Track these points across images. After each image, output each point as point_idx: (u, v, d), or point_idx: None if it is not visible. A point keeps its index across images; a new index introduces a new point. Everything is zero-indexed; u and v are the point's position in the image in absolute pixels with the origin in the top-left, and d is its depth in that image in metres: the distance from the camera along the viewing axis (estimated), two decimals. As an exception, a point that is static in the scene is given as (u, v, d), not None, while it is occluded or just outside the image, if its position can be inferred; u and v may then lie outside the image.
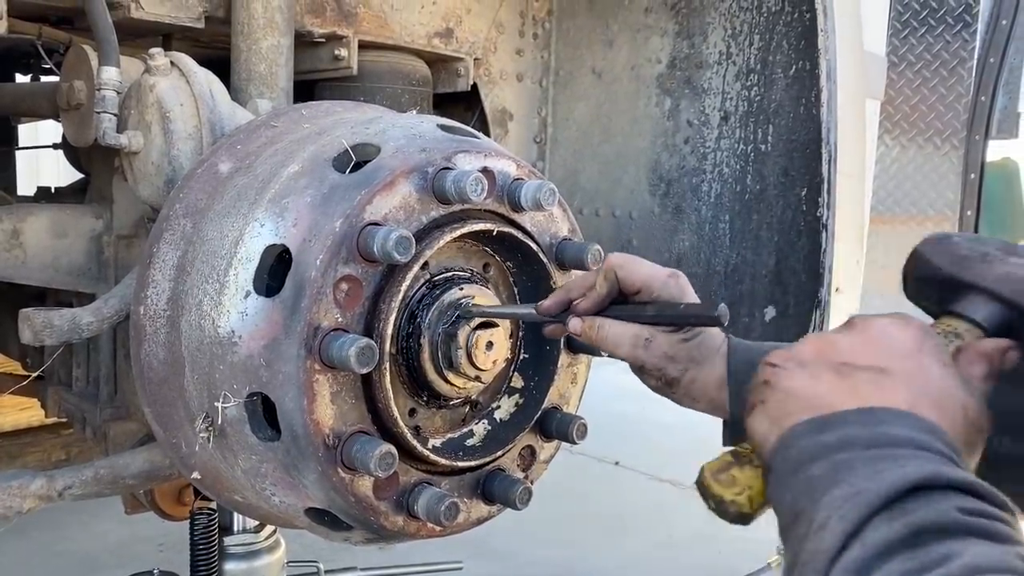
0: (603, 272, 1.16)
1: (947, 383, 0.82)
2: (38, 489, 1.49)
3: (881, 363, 0.82)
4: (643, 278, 1.15)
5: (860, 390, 0.80)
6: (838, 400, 0.79)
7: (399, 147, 1.25)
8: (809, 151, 1.94)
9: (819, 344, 0.86)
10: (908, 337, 0.84)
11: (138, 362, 1.40)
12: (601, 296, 1.16)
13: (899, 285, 1.03)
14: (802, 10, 1.95)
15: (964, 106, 3.34)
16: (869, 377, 0.81)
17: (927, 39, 3.42)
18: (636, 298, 1.16)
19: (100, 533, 4.05)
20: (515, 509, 1.36)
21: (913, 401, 0.78)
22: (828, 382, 0.82)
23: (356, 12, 1.98)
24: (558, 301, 1.20)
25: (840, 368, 0.82)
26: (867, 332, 0.86)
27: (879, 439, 0.74)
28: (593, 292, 1.16)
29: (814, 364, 0.84)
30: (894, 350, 0.83)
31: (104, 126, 1.49)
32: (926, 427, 0.76)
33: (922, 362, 0.82)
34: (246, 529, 2.12)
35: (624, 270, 1.15)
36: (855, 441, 0.74)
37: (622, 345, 1.14)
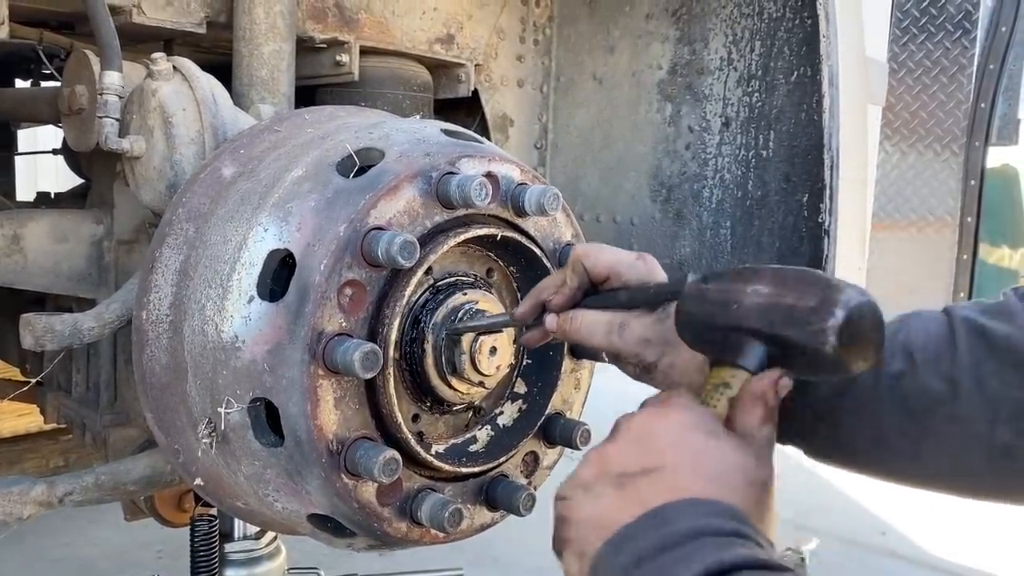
0: (570, 264, 1.15)
1: (718, 454, 0.83)
2: (39, 495, 1.48)
3: (651, 462, 0.83)
4: (609, 263, 1.14)
5: (641, 496, 0.81)
6: (624, 513, 0.80)
7: (403, 151, 1.25)
8: (811, 157, 1.94)
9: (595, 462, 0.87)
10: (670, 424, 0.86)
11: (140, 367, 1.39)
12: (572, 289, 1.15)
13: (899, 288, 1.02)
14: (803, 16, 1.95)
15: (964, 112, 3.34)
16: (645, 480, 0.82)
17: (927, 46, 3.42)
18: (606, 285, 1.14)
19: (99, 539, 4.03)
20: (519, 515, 1.36)
21: (690, 487, 0.80)
22: (611, 497, 0.83)
23: (358, 18, 1.98)
24: (531, 305, 1.19)
25: (618, 480, 0.84)
26: (631, 433, 0.87)
27: (666, 541, 0.75)
28: (564, 287, 1.15)
29: (595, 485, 0.85)
30: (660, 442, 0.84)
31: (106, 131, 1.49)
32: (707, 509, 0.77)
33: (688, 443, 0.84)
34: (247, 536, 2.11)
35: (589, 259, 1.14)
36: (645, 552, 0.76)
37: (596, 333, 1.13)
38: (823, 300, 0.87)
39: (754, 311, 0.91)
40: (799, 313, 0.87)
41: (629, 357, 1.14)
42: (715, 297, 0.95)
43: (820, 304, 0.86)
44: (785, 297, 0.89)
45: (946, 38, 3.39)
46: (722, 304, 0.94)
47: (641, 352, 1.13)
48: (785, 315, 0.88)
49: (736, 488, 0.81)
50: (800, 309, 0.87)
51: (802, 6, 1.94)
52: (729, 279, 0.96)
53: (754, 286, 0.92)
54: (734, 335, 0.92)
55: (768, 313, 0.90)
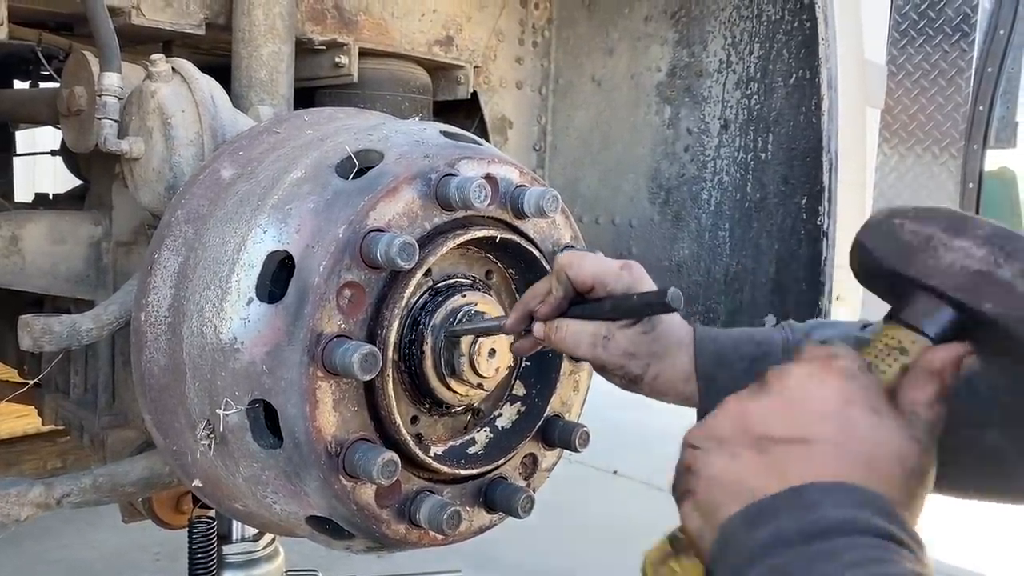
0: (554, 274, 1.14)
1: (877, 436, 0.74)
2: (36, 497, 1.48)
3: (801, 431, 0.74)
4: (593, 273, 1.12)
5: (784, 467, 0.73)
6: (763, 482, 0.72)
7: (402, 153, 1.25)
8: (809, 159, 1.95)
9: (734, 415, 0.78)
10: (828, 392, 0.76)
11: (139, 369, 1.39)
12: (558, 299, 1.14)
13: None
14: (802, 19, 1.95)
15: (962, 115, 3.35)
16: (792, 450, 0.74)
17: (925, 49, 3.43)
18: (592, 295, 1.13)
19: (96, 542, 4.02)
20: (517, 517, 1.36)
21: (841, 469, 0.71)
22: (750, 461, 0.75)
23: (357, 20, 1.98)
24: (519, 316, 1.18)
25: (759, 443, 0.75)
26: (783, 393, 0.78)
27: (812, 529, 0.67)
28: (550, 296, 1.15)
29: (732, 441, 0.77)
30: (814, 412, 0.75)
31: (105, 132, 1.49)
32: (857, 499, 0.69)
33: (847, 418, 0.74)
34: (245, 538, 2.11)
35: (573, 269, 1.12)
36: (787, 537, 0.68)
37: (581, 344, 1.12)
38: None
39: (959, 274, 0.78)
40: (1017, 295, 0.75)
41: (615, 369, 1.13)
42: (910, 239, 0.82)
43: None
44: (1003, 269, 0.76)
45: (944, 41, 3.39)
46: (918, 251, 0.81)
47: (626, 364, 1.12)
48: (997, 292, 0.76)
49: (893, 478, 0.72)
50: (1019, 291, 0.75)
51: (801, 9, 1.95)
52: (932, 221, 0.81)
53: (964, 241, 0.79)
54: (923, 293, 0.80)
55: (976, 282, 0.77)
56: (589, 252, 1.18)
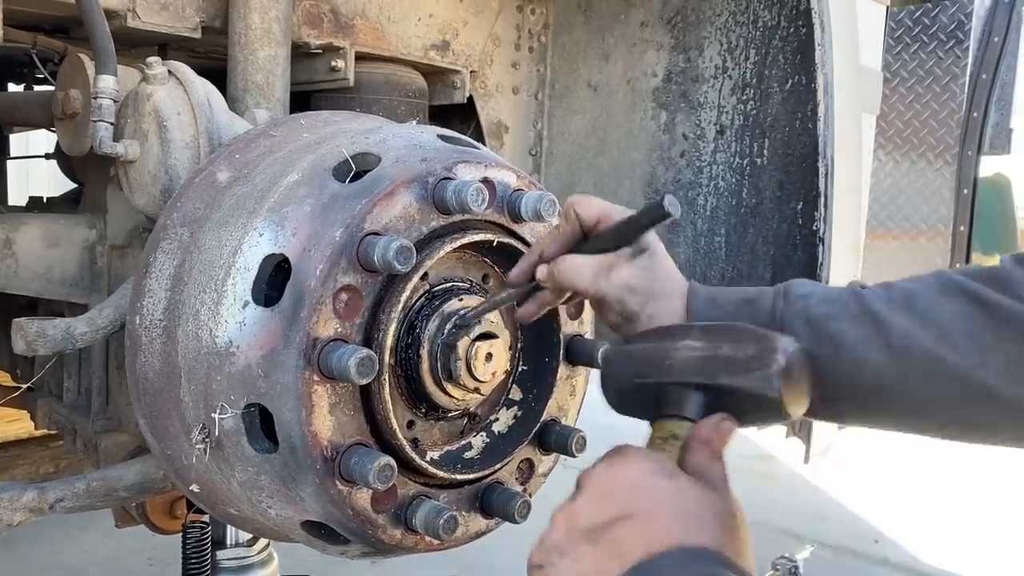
0: (563, 213, 1.16)
1: (682, 493, 0.84)
2: (29, 501, 1.47)
3: (619, 510, 0.83)
4: (600, 209, 1.15)
5: (620, 549, 0.81)
6: (607, 570, 0.80)
7: (400, 157, 1.25)
8: (805, 165, 1.95)
9: (564, 522, 0.87)
10: (629, 471, 0.87)
11: (133, 373, 1.38)
12: (565, 236, 1.15)
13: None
14: (798, 25, 1.96)
15: (957, 122, 3.36)
16: (619, 531, 0.82)
17: (920, 55, 3.44)
18: (596, 230, 1.15)
19: (88, 547, 4.01)
20: (514, 523, 1.35)
21: (666, 531, 0.80)
22: (590, 557, 0.83)
23: (353, 24, 1.98)
24: (527, 265, 1.19)
25: (591, 535, 0.83)
26: (594, 485, 0.88)
27: None
28: (555, 233, 1.16)
29: (570, 545, 0.85)
30: (623, 490, 0.85)
31: (100, 135, 1.48)
32: (689, 557, 0.78)
33: (652, 488, 0.84)
34: (239, 543, 2.10)
35: (582, 204, 1.15)
36: None
37: (584, 276, 1.13)
38: (762, 348, 0.93)
39: (690, 363, 0.95)
40: (740, 362, 0.93)
41: (613, 303, 1.14)
42: (643, 356, 1.00)
43: (760, 352, 0.92)
44: (721, 348, 0.94)
45: (939, 48, 3.40)
46: (652, 362, 0.98)
47: (625, 299, 1.13)
48: (725, 365, 0.93)
49: (707, 523, 0.82)
50: (740, 359, 0.93)
51: (797, 15, 1.95)
52: (655, 337, 1.01)
53: (684, 341, 0.97)
54: (672, 389, 0.96)
55: (706, 365, 0.94)
56: None
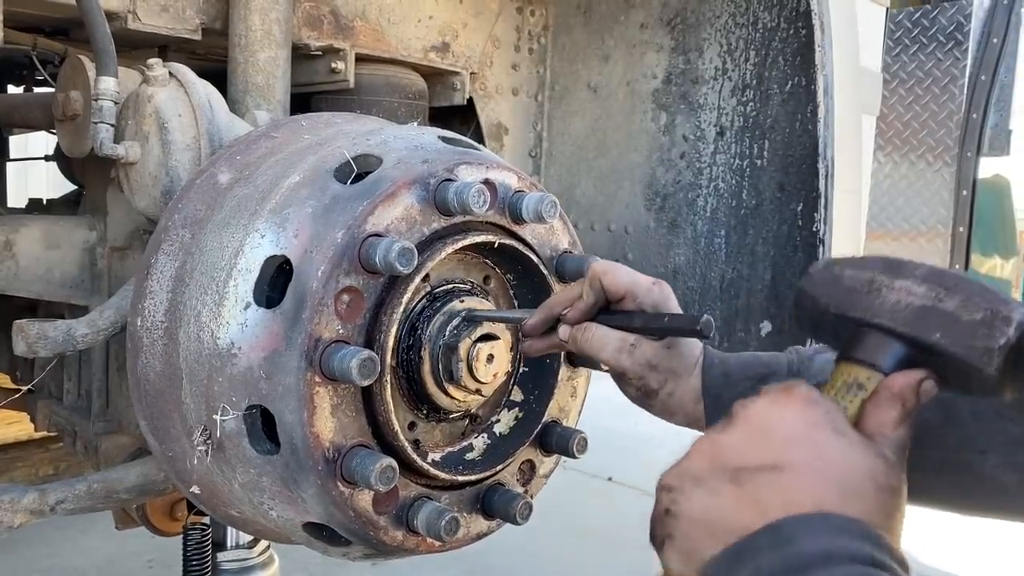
0: (588, 280, 1.16)
1: (846, 456, 0.76)
2: (30, 503, 1.47)
3: (772, 458, 0.76)
4: (627, 284, 1.15)
5: (761, 497, 0.74)
6: (742, 517, 0.74)
7: (401, 158, 1.25)
8: (805, 166, 1.95)
9: (707, 452, 0.80)
10: (792, 417, 0.78)
11: (134, 374, 1.38)
12: (589, 305, 1.16)
13: None
14: (798, 26, 1.96)
15: (956, 123, 3.37)
16: (765, 479, 0.75)
17: (919, 57, 3.45)
18: (621, 304, 1.16)
19: (88, 549, 4.00)
20: (515, 524, 1.35)
21: (816, 494, 0.73)
22: (728, 496, 0.76)
23: (353, 25, 1.98)
24: (544, 317, 1.21)
25: (735, 475, 0.77)
26: (749, 423, 0.80)
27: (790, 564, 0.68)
28: (580, 302, 1.17)
29: (709, 477, 0.78)
30: (781, 437, 0.77)
31: (101, 136, 1.48)
32: (835, 526, 0.70)
33: (814, 442, 0.77)
34: (240, 544, 2.10)
35: (608, 276, 1.15)
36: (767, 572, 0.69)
37: (607, 348, 1.14)
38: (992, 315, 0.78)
39: (904, 311, 0.82)
40: (962, 325, 0.79)
41: (633, 379, 1.15)
42: (852, 284, 0.86)
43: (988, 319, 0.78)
44: (945, 302, 0.80)
45: (938, 49, 3.41)
46: (862, 294, 0.85)
47: (646, 376, 1.14)
48: (944, 323, 0.80)
49: (866, 495, 0.74)
50: (964, 320, 0.79)
51: (797, 16, 1.95)
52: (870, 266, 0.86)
53: (905, 281, 0.83)
54: (872, 334, 0.84)
55: (923, 317, 0.81)
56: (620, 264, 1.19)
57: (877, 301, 0.84)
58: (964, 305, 0.79)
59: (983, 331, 0.78)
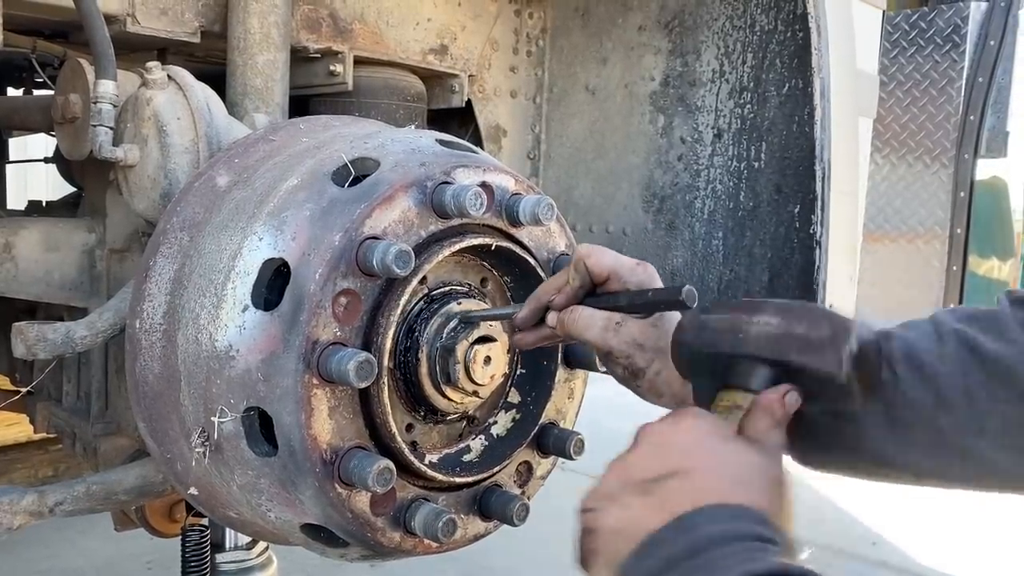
0: (573, 264, 1.18)
1: (736, 456, 0.87)
2: (29, 505, 1.47)
3: (674, 466, 0.86)
4: (611, 265, 1.17)
5: (667, 500, 0.83)
6: (652, 520, 0.82)
7: (398, 161, 1.25)
8: (802, 168, 1.96)
9: (617, 471, 0.90)
10: (685, 430, 0.90)
11: (133, 376, 1.38)
12: (575, 289, 1.18)
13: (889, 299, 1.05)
14: (795, 29, 1.96)
15: (953, 125, 3.37)
16: (669, 484, 0.84)
17: (916, 59, 3.45)
18: (606, 287, 1.18)
19: (87, 550, 4.00)
20: (512, 525, 1.36)
21: (714, 490, 0.83)
22: (638, 506, 0.85)
23: (352, 28, 1.99)
24: (532, 309, 1.23)
25: (642, 487, 0.86)
26: (650, 440, 0.90)
27: (695, 546, 0.77)
28: (567, 287, 1.19)
29: (620, 493, 0.87)
30: (679, 447, 0.88)
31: (100, 139, 1.49)
32: (734, 513, 0.80)
33: (707, 448, 0.87)
34: (238, 546, 2.10)
35: (592, 259, 1.17)
36: (673, 557, 0.78)
37: (593, 327, 1.16)
38: (836, 331, 0.94)
39: (763, 339, 0.96)
40: (813, 342, 0.94)
41: (620, 357, 1.17)
42: (718, 326, 1.00)
43: (833, 335, 0.94)
44: (796, 327, 0.95)
45: (935, 51, 3.42)
46: (726, 333, 0.99)
47: (633, 355, 1.16)
48: (798, 344, 0.95)
49: (757, 487, 0.84)
50: (813, 339, 0.94)
51: (794, 19, 1.96)
52: (731, 310, 1.01)
53: (760, 316, 0.97)
54: (741, 362, 0.98)
55: (780, 342, 0.95)
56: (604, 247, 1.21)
57: (741, 335, 0.98)
58: (812, 327, 0.95)
59: (830, 346, 0.93)
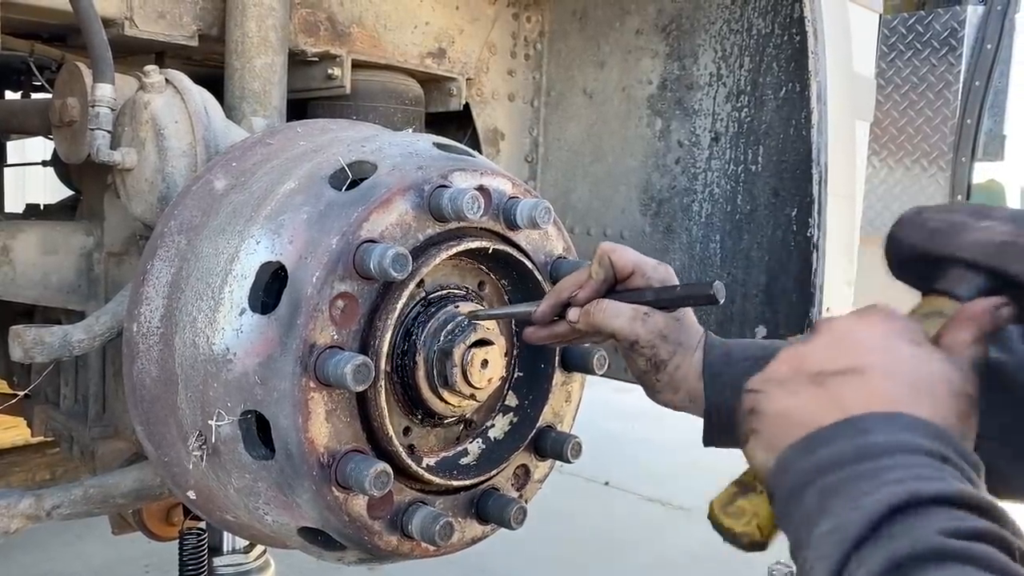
0: (597, 259, 1.18)
1: (921, 363, 0.80)
2: (26, 508, 1.47)
3: (852, 362, 0.81)
4: (635, 261, 1.18)
5: (840, 396, 0.79)
6: (821, 412, 0.79)
7: (396, 165, 1.26)
8: (799, 171, 1.96)
9: (791, 358, 0.86)
10: (872, 328, 0.84)
11: (130, 379, 1.38)
12: (599, 283, 1.18)
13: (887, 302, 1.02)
14: (792, 32, 1.97)
15: (951, 128, 3.38)
16: (845, 381, 0.80)
17: (914, 62, 3.46)
18: (629, 282, 1.18)
19: (85, 554, 4.00)
20: (510, 528, 1.36)
21: (892, 395, 0.78)
22: (808, 395, 0.81)
23: (350, 31, 1.99)
24: (552, 303, 1.22)
25: (816, 378, 0.82)
26: (832, 333, 0.85)
27: (863, 452, 0.73)
28: (590, 281, 1.18)
29: (791, 380, 0.84)
30: (861, 345, 0.82)
31: (98, 143, 1.49)
32: (908, 424, 0.75)
33: (891, 349, 0.81)
34: (236, 549, 2.10)
35: (617, 253, 1.17)
36: (841, 459, 0.74)
37: (621, 316, 1.16)
38: None
39: (986, 245, 0.87)
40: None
41: (646, 347, 1.16)
42: (937, 225, 0.91)
43: None
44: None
45: (932, 55, 3.42)
46: (945, 233, 0.90)
47: (658, 345, 1.16)
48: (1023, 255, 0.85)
49: (939, 398, 0.78)
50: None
51: (790, 23, 1.96)
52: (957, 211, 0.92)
53: (989, 222, 0.88)
54: (953, 266, 0.89)
55: (1003, 251, 0.86)
56: None
57: (961, 239, 0.88)
58: None
59: None
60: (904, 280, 0.98)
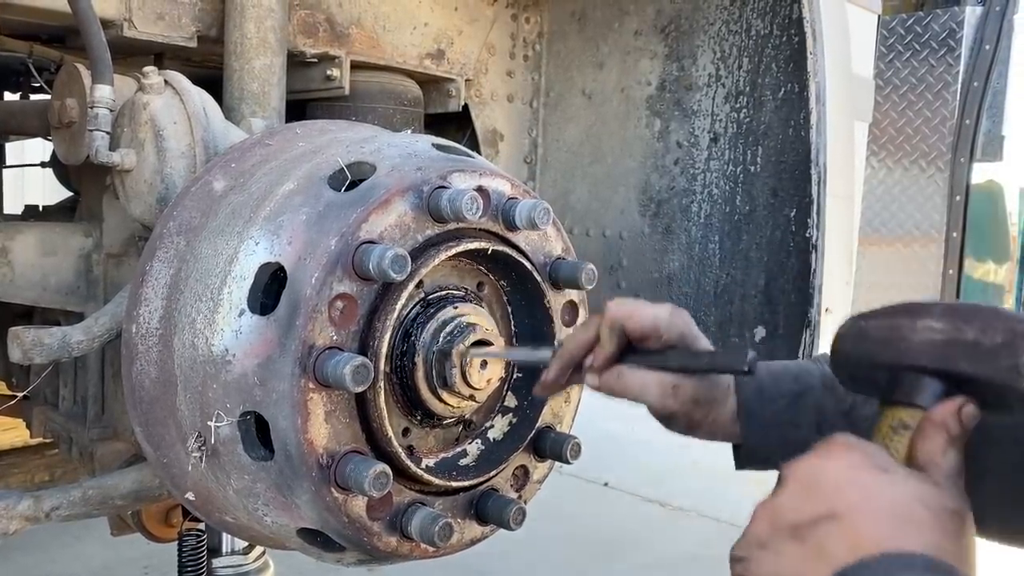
0: (607, 325, 1.12)
1: (896, 490, 0.78)
2: (25, 510, 1.47)
3: (825, 508, 0.78)
4: (650, 323, 1.11)
5: (823, 548, 0.77)
6: (810, 570, 0.77)
7: (395, 166, 1.26)
8: (798, 172, 1.96)
9: (766, 514, 0.83)
10: (835, 465, 0.81)
11: (129, 381, 1.38)
12: (612, 352, 1.12)
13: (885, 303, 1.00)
14: (791, 33, 1.97)
15: (949, 129, 3.38)
16: (824, 530, 0.77)
17: (912, 63, 3.46)
18: (645, 344, 1.12)
19: (84, 555, 4.00)
20: (509, 529, 1.36)
21: (873, 534, 0.75)
22: (792, 553, 0.79)
23: (348, 33, 1.99)
24: (562, 366, 1.17)
25: (795, 532, 0.79)
26: (799, 480, 0.82)
27: None
28: (601, 351, 1.12)
29: (772, 539, 0.81)
30: (829, 486, 0.79)
31: (96, 144, 1.49)
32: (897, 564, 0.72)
33: (861, 484, 0.79)
34: (235, 550, 2.10)
35: (630, 321, 1.11)
36: None
37: (650, 394, 1.11)
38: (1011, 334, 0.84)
39: (929, 348, 0.87)
40: (985, 349, 0.84)
41: (681, 418, 1.14)
42: (878, 335, 0.91)
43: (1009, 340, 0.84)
44: (965, 333, 0.85)
45: (931, 56, 3.43)
46: (887, 342, 0.90)
47: (692, 412, 1.14)
48: (968, 352, 0.85)
49: (924, 524, 0.75)
50: (986, 345, 0.84)
51: (789, 24, 1.97)
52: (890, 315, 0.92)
53: (924, 321, 0.88)
54: (906, 374, 0.88)
55: (947, 350, 0.86)
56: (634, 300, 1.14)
57: (904, 344, 0.88)
58: (983, 331, 0.84)
59: (1005, 351, 0.83)
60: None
